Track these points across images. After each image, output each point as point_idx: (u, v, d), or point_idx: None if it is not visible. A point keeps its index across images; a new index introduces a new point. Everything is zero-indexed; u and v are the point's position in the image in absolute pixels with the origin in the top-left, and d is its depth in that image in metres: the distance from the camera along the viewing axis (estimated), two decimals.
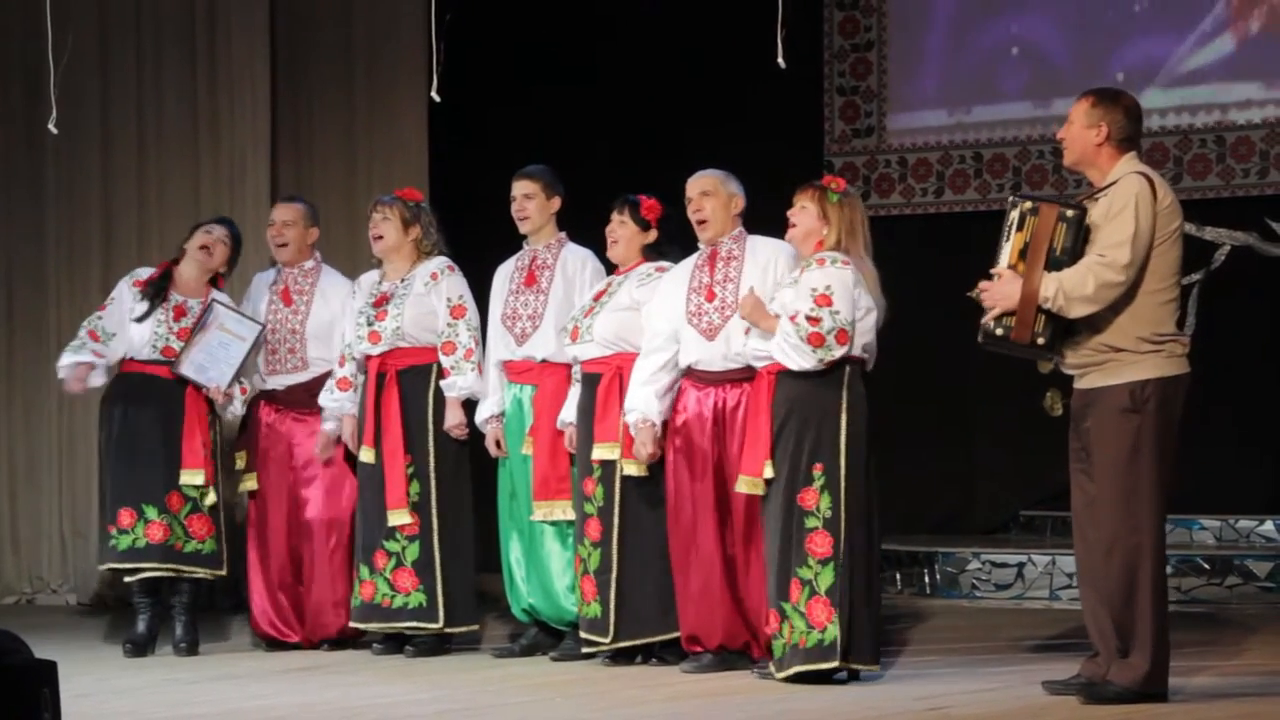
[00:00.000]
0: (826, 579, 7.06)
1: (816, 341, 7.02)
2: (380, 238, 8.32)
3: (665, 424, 7.63)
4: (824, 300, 7.05)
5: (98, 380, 8.51)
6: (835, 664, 7.05)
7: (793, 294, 7.15)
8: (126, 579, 8.50)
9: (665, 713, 6.73)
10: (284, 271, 8.70)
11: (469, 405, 8.31)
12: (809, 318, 7.03)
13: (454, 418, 8.22)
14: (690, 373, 7.62)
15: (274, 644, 8.58)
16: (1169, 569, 7.24)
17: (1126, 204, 6.49)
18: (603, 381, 7.79)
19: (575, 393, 7.96)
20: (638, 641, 7.75)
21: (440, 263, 8.31)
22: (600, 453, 7.75)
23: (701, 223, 7.69)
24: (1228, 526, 10.44)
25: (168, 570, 8.39)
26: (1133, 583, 6.50)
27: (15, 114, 10.65)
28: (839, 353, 7.05)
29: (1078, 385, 6.69)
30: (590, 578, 7.78)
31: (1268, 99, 10.74)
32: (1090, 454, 6.60)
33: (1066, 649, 7.80)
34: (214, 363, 8.39)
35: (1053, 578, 9.96)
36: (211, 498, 8.43)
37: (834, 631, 7.05)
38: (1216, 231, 10.10)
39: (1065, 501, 6.81)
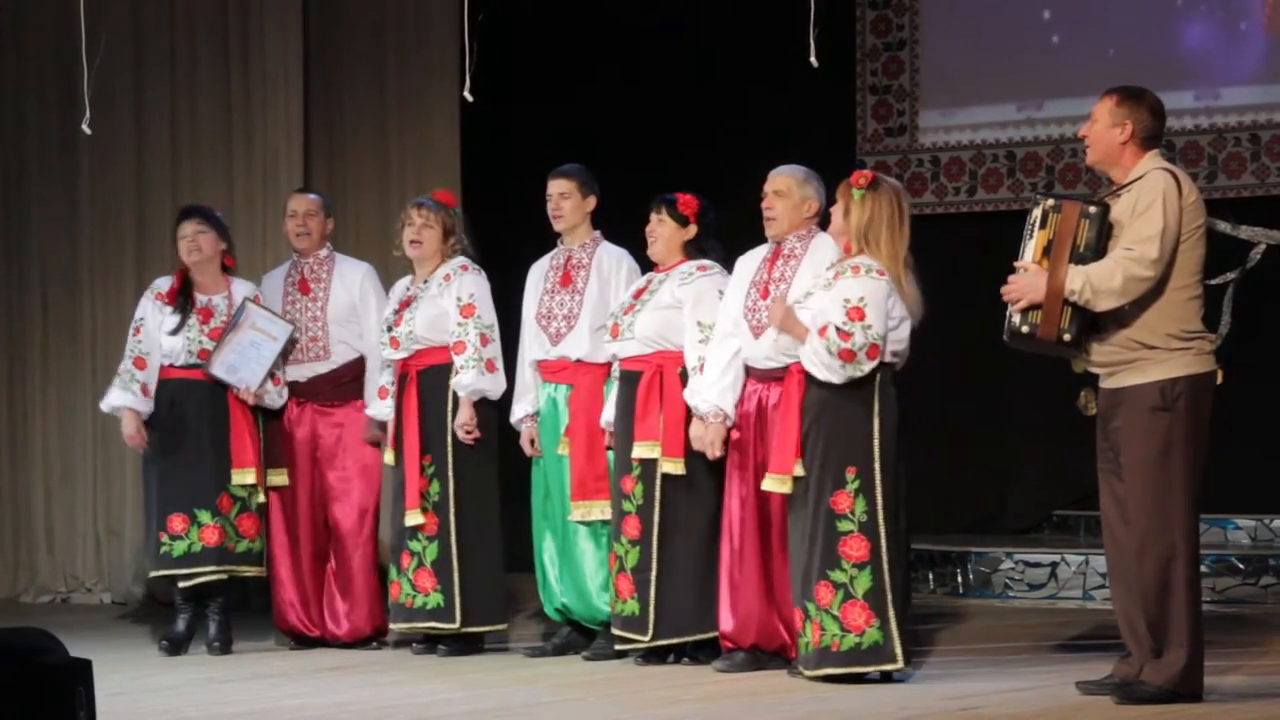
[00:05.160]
0: (864, 583, 7.05)
1: (847, 357, 6.99)
2: (419, 244, 8.31)
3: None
4: (856, 314, 6.99)
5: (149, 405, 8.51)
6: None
7: (825, 299, 7.10)
8: (181, 584, 8.46)
9: (698, 712, 6.72)
10: (299, 262, 8.73)
11: (503, 405, 8.30)
12: (840, 331, 6.99)
13: (462, 417, 8.19)
14: (746, 367, 7.58)
15: (300, 639, 8.60)
16: (1203, 568, 7.20)
17: (1154, 200, 6.46)
18: (643, 380, 7.76)
19: (614, 391, 7.95)
20: (675, 640, 7.74)
21: (455, 263, 8.29)
22: (640, 451, 7.73)
23: (769, 220, 7.64)
24: (1262, 526, 10.40)
25: (223, 572, 8.43)
26: (1166, 582, 6.47)
27: (49, 114, 10.69)
28: (868, 368, 7.02)
29: (1105, 385, 6.65)
30: (627, 575, 7.77)
31: None
32: (1120, 453, 6.58)
33: (1100, 649, 7.78)
34: (245, 362, 8.39)
35: (1086, 578, 9.94)
36: (261, 496, 8.46)
37: (875, 635, 7.04)
38: (1252, 230, 10.03)
39: (1098, 501, 6.78)
